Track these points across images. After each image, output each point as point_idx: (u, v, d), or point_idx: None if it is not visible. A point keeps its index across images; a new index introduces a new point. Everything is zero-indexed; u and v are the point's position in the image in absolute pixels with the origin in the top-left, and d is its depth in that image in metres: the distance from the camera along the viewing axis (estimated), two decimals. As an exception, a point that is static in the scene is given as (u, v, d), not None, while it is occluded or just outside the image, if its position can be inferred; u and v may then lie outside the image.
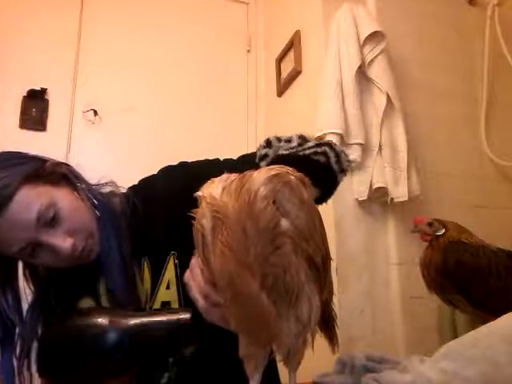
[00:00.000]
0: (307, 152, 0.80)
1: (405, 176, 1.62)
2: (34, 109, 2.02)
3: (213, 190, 0.54)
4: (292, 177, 0.53)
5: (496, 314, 0.58)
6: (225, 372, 0.83)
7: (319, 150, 0.81)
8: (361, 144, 1.63)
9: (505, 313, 0.56)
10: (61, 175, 0.82)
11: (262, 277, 0.50)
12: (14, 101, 2.00)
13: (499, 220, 1.79)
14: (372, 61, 1.71)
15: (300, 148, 0.81)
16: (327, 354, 0.68)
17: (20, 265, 0.85)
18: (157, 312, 0.77)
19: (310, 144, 0.82)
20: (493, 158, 1.87)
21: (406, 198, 1.60)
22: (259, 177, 0.52)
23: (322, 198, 0.87)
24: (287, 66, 2.11)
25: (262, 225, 0.50)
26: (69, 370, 0.66)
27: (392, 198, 1.62)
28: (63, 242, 0.76)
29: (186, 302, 0.77)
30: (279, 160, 0.79)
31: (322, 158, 0.81)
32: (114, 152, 2.07)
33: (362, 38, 1.71)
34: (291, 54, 2.07)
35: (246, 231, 0.50)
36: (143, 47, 2.26)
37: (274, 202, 0.51)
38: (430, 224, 1.20)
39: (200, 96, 2.29)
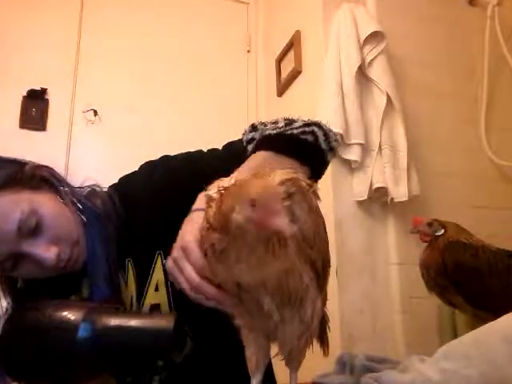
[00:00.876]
0: (295, 132, 0.77)
1: (405, 176, 1.62)
2: (34, 109, 2.02)
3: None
4: (304, 183, 0.53)
5: (496, 313, 0.58)
6: (216, 376, 0.83)
7: (307, 129, 0.78)
8: (361, 144, 1.63)
9: (505, 313, 0.56)
10: (42, 179, 0.76)
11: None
12: (14, 101, 2.01)
13: (499, 220, 1.79)
14: (372, 61, 1.71)
15: (288, 128, 0.78)
16: (327, 355, 0.68)
17: None
18: (140, 315, 0.70)
19: (298, 124, 0.79)
20: (493, 158, 1.87)
21: (405, 198, 1.60)
22: (274, 179, 0.52)
23: (313, 177, 0.84)
24: (287, 66, 2.11)
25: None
26: (32, 368, 0.59)
27: (392, 198, 1.62)
28: (47, 252, 0.70)
29: (176, 303, 0.75)
30: (266, 140, 0.77)
31: (309, 137, 0.78)
32: (113, 152, 2.07)
33: (362, 37, 1.71)
34: (291, 54, 2.07)
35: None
36: (143, 47, 2.26)
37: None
38: (429, 224, 1.21)
39: (200, 96, 2.29)
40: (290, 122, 0.80)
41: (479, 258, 1.12)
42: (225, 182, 0.56)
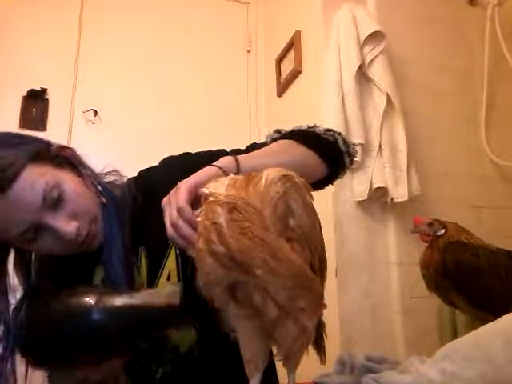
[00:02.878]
0: (317, 131, 0.86)
1: (405, 176, 1.62)
2: (34, 109, 2.02)
3: (218, 186, 0.54)
4: (298, 180, 0.54)
5: (496, 314, 0.58)
6: (222, 369, 0.83)
7: (328, 132, 0.86)
8: (361, 144, 1.63)
9: (505, 313, 0.56)
10: (65, 159, 0.80)
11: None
12: (14, 101, 2.01)
13: (499, 220, 1.79)
14: (372, 61, 1.71)
15: (310, 129, 0.87)
16: (327, 354, 0.68)
17: (11, 259, 0.81)
18: (147, 292, 0.73)
19: (320, 128, 0.88)
20: (493, 158, 1.87)
21: (405, 198, 1.60)
22: (269, 174, 0.53)
23: (329, 179, 0.88)
24: (287, 66, 2.11)
25: (279, 211, 0.51)
26: (51, 353, 0.62)
27: (392, 198, 1.62)
28: (68, 225, 0.73)
29: (187, 293, 0.77)
30: (288, 133, 0.86)
31: (330, 137, 0.85)
32: (113, 152, 2.07)
33: (362, 38, 1.71)
34: (291, 54, 2.07)
35: (262, 215, 0.50)
36: (143, 47, 2.26)
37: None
38: (430, 224, 1.20)
39: (200, 96, 2.29)
40: (312, 126, 0.89)
41: (480, 258, 1.12)
42: (220, 183, 0.56)
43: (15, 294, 0.78)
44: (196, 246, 0.53)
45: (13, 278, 0.81)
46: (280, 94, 2.19)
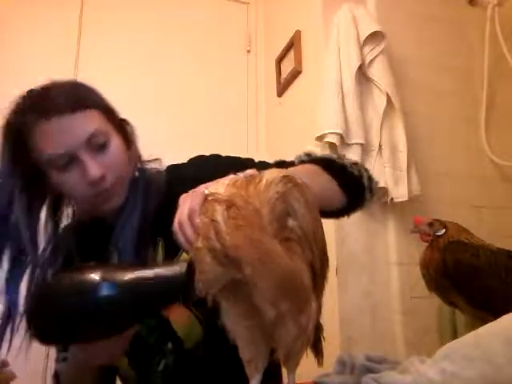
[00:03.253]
0: (345, 162, 0.88)
1: (405, 176, 1.62)
2: (34, 109, 2.02)
3: (219, 186, 0.55)
4: (300, 180, 0.54)
5: (496, 314, 0.58)
6: (225, 368, 0.83)
7: (355, 166, 0.88)
8: (361, 144, 1.63)
9: (505, 313, 0.56)
10: (123, 129, 0.89)
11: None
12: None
13: (499, 220, 1.79)
14: (372, 61, 1.71)
15: (339, 159, 0.89)
16: (327, 354, 0.68)
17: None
18: (155, 266, 0.74)
19: (349, 160, 0.90)
20: (493, 158, 1.87)
21: (405, 198, 1.60)
22: (270, 174, 0.53)
23: (347, 210, 0.90)
24: (287, 66, 2.11)
25: (277, 211, 0.50)
26: (58, 328, 0.62)
27: (392, 198, 1.62)
28: (96, 169, 0.79)
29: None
30: (316, 159, 0.88)
31: (356, 171, 0.87)
32: (113, 152, 2.07)
33: (362, 38, 1.71)
34: (291, 54, 2.07)
35: (260, 214, 0.50)
36: (143, 47, 2.26)
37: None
38: (430, 224, 1.20)
39: (200, 96, 2.29)
40: (341, 157, 0.93)
41: (480, 258, 1.12)
42: (220, 183, 0.56)
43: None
44: (195, 245, 0.53)
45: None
46: (280, 93, 2.19)
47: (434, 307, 1.55)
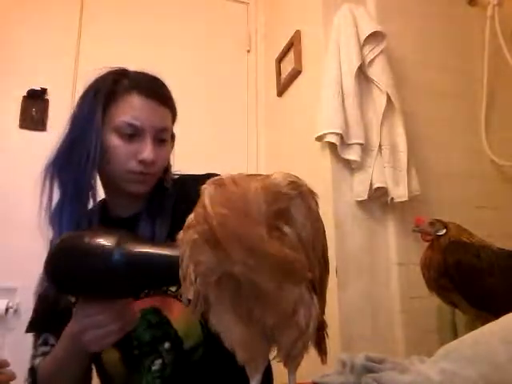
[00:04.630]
0: None
1: (405, 176, 1.62)
2: (34, 109, 2.02)
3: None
4: (305, 187, 0.53)
5: (496, 314, 0.58)
6: (224, 374, 0.84)
7: None
8: (361, 144, 1.63)
9: (505, 313, 0.56)
10: (173, 136, 1.06)
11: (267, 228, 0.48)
12: (14, 101, 2.01)
13: (499, 220, 1.79)
14: (372, 61, 1.71)
15: None
16: (327, 354, 0.68)
17: None
18: (161, 245, 0.79)
19: None
20: (493, 158, 1.87)
21: (406, 198, 1.60)
22: (279, 175, 0.52)
23: None
24: (287, 66, 2.11)
25: (272, 210, 0.49)
26: (72, 280, 0.70)
27: (392, 198, 1.62)
28: (153, 153, 0.91)
29: None
30: None
31: None
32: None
33: (362, 38, 1.71)
34: (291, 54, 2.06)
35: (247, 197, 0.48)
36: (143, 47, 2.26)
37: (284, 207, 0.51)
38: (431, 224, 1.20)
39: (200, 96, 2.29)
40: None
41: (480, 258, 1.12)
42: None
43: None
44: (192, 238, 0.53)
45: None
46: (280, 93, 2.19)
47: (434, 307, 1.55)
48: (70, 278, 0.70)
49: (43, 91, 2.04)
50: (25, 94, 2.01)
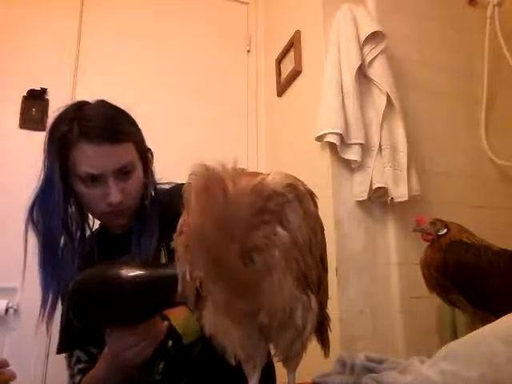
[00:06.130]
0: None
1: (405, 176, 1.62)
2: (34, 109, 2.02)
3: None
4: (303, 189, 0.53)
5: (496, 314, 0.58)
6: (221, 373, 0.84)
7: None
8: (361, 144, 1.63)
9: (505, 313, 0.56)
10: (145, 158, 1.03)
11: (241, 245, 0.47)
12: (14, 101, 2.01)
13: (499, 220, 1.79)
14: (372, 61, 1.71)
15: None
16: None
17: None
18: (162, 267, 0.85)
19: None
20: (493, 158, 1.87)
21: (405, 198, 1.60)
22: (277, 176, 0.52)
23: None
24: (287, 66, 2.11)
25: (258, 206, 0.49)
26: (92, 310, 0.74)
27: (392, 198, 1.62)
28: (118, 194, 0.93)
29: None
30: None
31: None
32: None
33: (362, 38, 1.71)
34: (291, 54, 2.06)
35: (226, 188, 0.46)
36: (143, 47, 2.26)
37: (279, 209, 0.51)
38: (432, 223, 1.20)
39: (200, 96, 2.29)
40: None
41: (481, 258, 1.11)
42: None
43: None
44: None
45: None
46: (280, 93, 2.19)
47: (434, 307, 1.55)
48: (93, 313, 0.74)
49: (43, 91, 2.04)
50: (25, 94, 2.01)
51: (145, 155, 1.03)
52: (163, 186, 1.07)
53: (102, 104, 1.03)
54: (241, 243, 0.47)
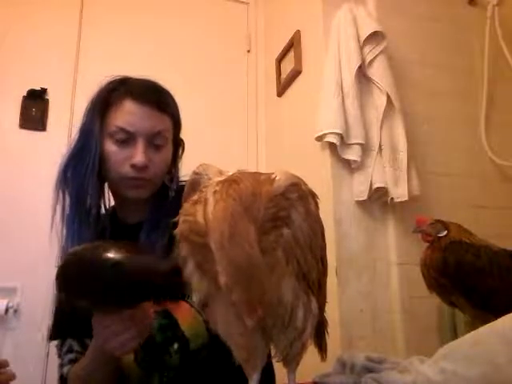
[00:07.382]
0: None
1: (405, 176, 1.62)
2: (34, 109, 2.02)
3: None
4: (305, 189, 0.54)
5: (496, 314, 0.58)
6: (226, 373, 0.84)
7: None
8: (361, 144, 1.63)
9: (505, 313, 0.56)
10: (177, 147, 1.06)
11: (260, 232, 0.48)
12: (14, 101, 2.01)
13: (499, 220, 1.79)
14: (372, 61, 1.71)
15: None
16: (327, 354, 0.68)
17: None
18: (151, 255, 0.82)
19: None
20: (493, 158, 1.87)
21: (405, 198, 1.60)
22: (282, 176, 0.53)
23: None
24: (287, 66, 2.11)
25: (270, 211, 0.50)
26: (80, 294, 0.73)
27: (392, 198, 1.62)
28: (144, 157, 0.92)
29: None
30: None
31: None
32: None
33: (362, 38, 1.71)
34: (291, 54, 2.06)
35: (252, 196, 0.49)
36: (143, 47, 2.26)
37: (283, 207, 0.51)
38: (432, 225, 1.20)
39: (200, 96, 2.29)
40: None
41: (481, 258, 1.11)
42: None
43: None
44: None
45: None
46: (280, 93, 2.19)
47: (434, 307, 1.55)
48: (77, 289, 0.73)
49: (43, 91, 2.04)
50: (25, 94, 2.01)
51: (177, 140, 1.06)
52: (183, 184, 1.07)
53: (150, 80, 1.06)
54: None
